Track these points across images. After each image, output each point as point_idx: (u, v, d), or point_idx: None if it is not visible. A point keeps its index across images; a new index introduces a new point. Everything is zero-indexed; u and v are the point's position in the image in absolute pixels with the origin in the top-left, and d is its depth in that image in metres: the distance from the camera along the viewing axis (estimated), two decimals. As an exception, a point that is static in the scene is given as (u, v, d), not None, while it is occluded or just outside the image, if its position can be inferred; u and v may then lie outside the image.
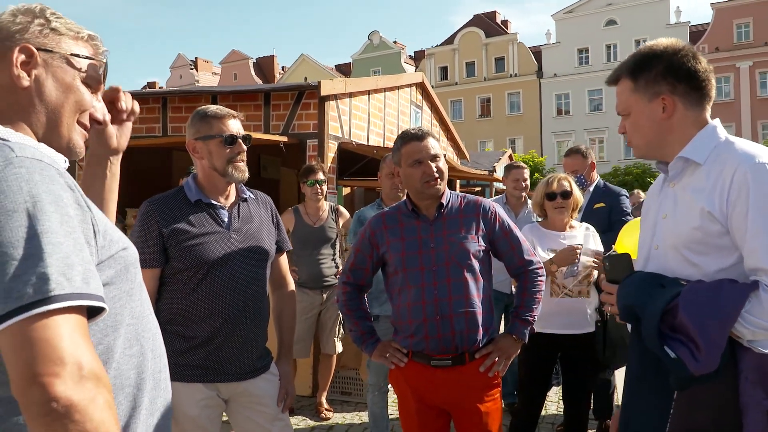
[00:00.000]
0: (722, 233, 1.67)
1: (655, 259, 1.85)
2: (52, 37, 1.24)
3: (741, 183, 1.62)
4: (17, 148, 1.05)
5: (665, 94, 1.80)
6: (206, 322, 2.38)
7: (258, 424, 2.49)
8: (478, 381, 2.58)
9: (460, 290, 2.54)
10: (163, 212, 2.40)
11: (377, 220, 2.73)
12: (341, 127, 7.13)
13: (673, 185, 1.85)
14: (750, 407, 1.60)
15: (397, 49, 53.62)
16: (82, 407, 0.91)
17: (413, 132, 2.68)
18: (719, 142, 1.77)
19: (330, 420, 5.01)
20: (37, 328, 0.92)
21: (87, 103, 1.29)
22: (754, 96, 40.95)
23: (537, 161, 37.04)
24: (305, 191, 4.98)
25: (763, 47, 40.42)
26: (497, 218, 2.67)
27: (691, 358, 1.59)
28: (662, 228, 1.85)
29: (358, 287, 2.79)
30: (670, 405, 1.71)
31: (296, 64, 59.62)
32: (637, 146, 1.92)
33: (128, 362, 1.19)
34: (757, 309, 1.57)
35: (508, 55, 48.29)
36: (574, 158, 4.78)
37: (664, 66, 1.79)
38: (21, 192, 0.99)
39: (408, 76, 9.88)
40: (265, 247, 2.56)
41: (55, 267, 0.95)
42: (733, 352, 1.62)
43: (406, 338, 2.60)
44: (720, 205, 1.66)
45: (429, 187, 2.58)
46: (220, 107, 2.52)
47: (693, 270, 1.72)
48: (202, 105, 7.47)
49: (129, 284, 1.22)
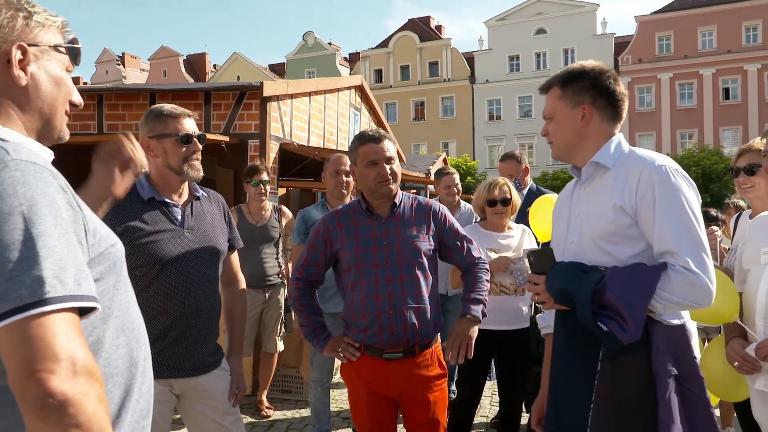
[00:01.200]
0: (632, 225, 1.95)
1: (570, 252, 2.11)
2: (36, 31, 1.25)
3: (647, 182, 1.91)
4: (12, 151, 1.08)
5: (586, 104, 2.07)
6: (159, 319, 2.39)
7: (210, 418, 2.53)
8: (426, 372, 2.71)
9: (412, 286, 2.65)
10: (115, 209, 2.38)
11: (331, 218, 2.79)
12: (282, 128, 7.15)
13: (585, 188, 2.13)
14: (661, 373, 1.87)
15: (332, 50, 53.53)
16: (76, 401, 0.96)
17: (370, 134, 2.77)
18: (623, 151, 2.06)
19: (271, 417, 5.05)
20: (32, 327, 0.97)
21: (72, 90, 1.33)
22: (674, 107, 43.05)
23: (469, 165, 37.76)
24: (248, 191, 5.00)
25: (683, 60, 42.56)
26: (446, 219, 2.82)
27: (620, 329, 1.83)
28: (576, 225, 2.11)
29: (310, 283, 2.85)
30: (594, 376, 1.95)
31: (229, 63, 58.62)
32: (556, 147, 2.17)
33: (116, 352, 1.25)
34: (667, 285, 1.83)
35: (442, 59, 49.00)
36: (509, 163, 4.96)
37: (590, 82, 2.07)
38: (16, 195, 1.02)
39: (347, 79, 9.96)
40: (217, 245, 2.60)
41: (49, 270, 1.00)
42: (646, 327, 1.89)
43: (359, 332, 2.69)
44: (630, 201, 1.94)
45: (382, 186, 2.68)
46: (175, 106, 2.54)
47: (608, 258, 1.98)
48: (139, 102, 7.32)
49: (116, 278, 1.27)
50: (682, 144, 41.48)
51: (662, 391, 1.87)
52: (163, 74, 59.84)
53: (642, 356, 1.90)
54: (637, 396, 1.90)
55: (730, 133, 41.74)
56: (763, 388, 2.29)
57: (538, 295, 2.10)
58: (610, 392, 1.92)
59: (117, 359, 1.25)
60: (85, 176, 3.27)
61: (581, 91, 2.08)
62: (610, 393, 1.92)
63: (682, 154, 35.35)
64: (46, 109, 1.27)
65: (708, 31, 42.49)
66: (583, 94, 2.07)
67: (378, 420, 2.75)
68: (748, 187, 2.88)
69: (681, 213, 1.88)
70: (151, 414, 1.38)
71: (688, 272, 1.82)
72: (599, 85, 2.07)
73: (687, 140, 41.87)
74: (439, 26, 54.01)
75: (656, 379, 1.88)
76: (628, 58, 43.75)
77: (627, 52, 43.92)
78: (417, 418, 2.74)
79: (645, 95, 43.83)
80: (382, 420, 2.76)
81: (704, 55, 42.31)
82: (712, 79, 42.26)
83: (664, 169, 1.93)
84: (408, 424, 2.79)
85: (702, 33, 42.63)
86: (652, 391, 1.88)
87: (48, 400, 0.94)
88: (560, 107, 2.12)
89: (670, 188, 1.90)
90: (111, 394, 1.21)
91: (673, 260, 1.86)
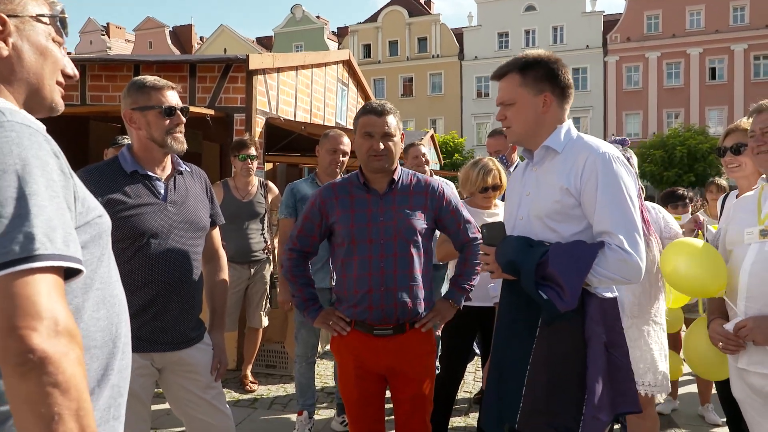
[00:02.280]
0: (575, 205, 2.14)
1: (519, 227, 2.29)
2: (17, 2, 1.24)
3: (591, 167, 2.10)
4: (8, 113, 1.09)
5: (547, 92, 2.22)
6: (141, 293, 2.38)
7: (191, 392, 2.53)
8: (415, 348, 2.72)
9: (405, 265, 2.64)
10: (98, 182, 2.37)
11: (328, 190, 2.77)
12: (269, 102, 7.09)
13: (536, 170, 2.30)
14: (592, 339, 2.09)
15: (320, 24, 53.00)
16: (56, 360, 0.96)
17: (374, 105, 2.73)
18: (572, 137, 2.24)
19: (255, 392, 5.08)
20: (19, 284, 0.97)
21: (61, 61, 1.32)
22: (660, 86, 43.17)
23: (457, 142, 37.75)
24: (236, 165, 4.95)
25: (671, 39, 42.59)
26: (445, 197, 2.78)
27: (559, 298, 2.03)
28: (526, 203, 2.28)
29: (304, 254, 2.83)
30: (533, 341, 2.15)
31: (215, 35, 57.89)
32: (515, 132, 2.29)
33: (95, 324, 1.24)
34: (603, 262, 2.04)
35: (431, 35, 48.70)
36: (497, 139, 4.96)
37: (545, 70, 2.22)
38: (11, 155, 1.03)
39: (335, 54, 9.87)
40: (200, 219, 2.58)
41: (40, 228, 1.00)
42: (582, 299, 2.08)
43: (350, 307, 2.69)
44: (575, 183, 2.12)
45: (373, 161, 2.66)
46: (158, 78, 2.50)
47: (553, 234, 2.17)
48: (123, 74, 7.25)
49: (100, 250, 1.27)
50: (669, 123, 41.67)
51: (592, 356, 2.07)
52: (148, 45, 59.02)
53: (576, 324, 2.10)
54: (569, 359, 2.10)
55: (715, 113, 41.98)
56: (746, 366, 2.32)
57: (488, 265, 2.27)
58: (545, 355, 2.12)
59: (96, 332, 1.24)
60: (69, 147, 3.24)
61: (542, 78, 2.21)
62: (545, 355, 2.12)
63: (669, 133, 35.56)
64: (32, 79, 1.26)
65: (696, 10, 42.48)
66: (544, 82, 2.21)
67: (365, 394, 2.77)
68: (735, 167, 2.90)
69: (619, 197, 2.08)
70: (127, 392, 1.38)
71: (622, 251, 2.03)
72: (555, 74, 2.22)
73: (673, 120, 42.09)
74: (428, 1, 53.56)
75: (588, 345, 2.09)
76: (616, 36, 43.68)
77: (616, 31, 43.84)
78: (405, 392, 2.76)
79: (633, 74, 43.89)
80: (369, 394, 2.78)
81: (692, 35, 42.36)
82: (699, 59, 42.37)
83: (607, 157, 2.11)
84: (396, 398, 2.81)
85: (690, 12, 42.61)
86: (583, 355, 2.09)
87: (28, 356, 0.95)
88: (522, 94, 2.23)
89: (611, 174, 2.08)
90: (89, 366, 1.21)
91: (609, 239, 2.05)
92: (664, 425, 4.45)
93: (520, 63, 2.24)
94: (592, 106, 44.35)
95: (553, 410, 2.09)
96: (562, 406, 2.09)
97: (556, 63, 2.24)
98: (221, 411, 2.60)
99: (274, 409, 4.76)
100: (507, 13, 46.25)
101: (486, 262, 2.28)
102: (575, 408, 2.08)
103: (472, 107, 47.28)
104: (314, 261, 3.77)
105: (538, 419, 2.11)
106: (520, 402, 2.14)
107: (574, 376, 2.09)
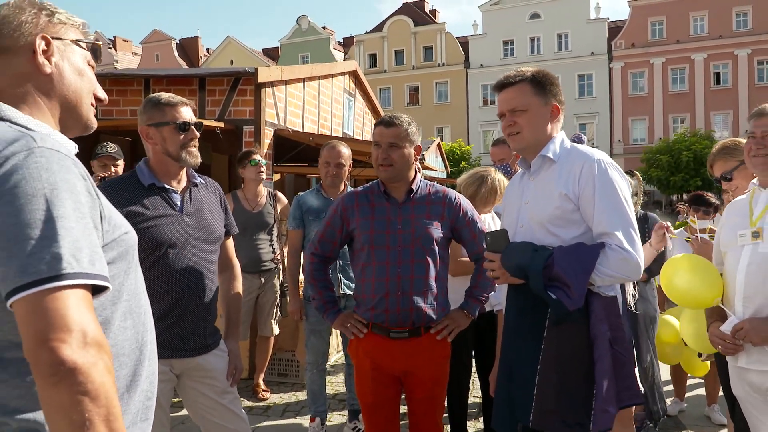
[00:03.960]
0: (574, 210, 2.27)
1: (521, 234, 2.40)
2: (59, 27, 1.36)
3: (588, 173, 2.24)
4: (39, 139, 1.16)
5: (556, 102, 2.38)
6: (161, 301, 2.46)
7: (208, 397, 2.62)
8: (431, 351, 2.81)
9: (421, 271, 2.74)
10: (118, 195, 2.46)
11: (350, 197, 2.90)
12: (277, 113, 7.19)
13: (533, 179, 2.42)
14: (599, 337, 2.20)
15: (326, 34, 53.24)
16: (85, 370, 1.02)
17: (385, 117, 2.86)
18: (566, 147, 2.38)
19: (267, 400, 5.14)
20: (48, 300, 1.04)
21: (95, 83, 1.43)
22: (666, 91, 43.14)
23: (464, 150, 37.82)
24: (246, 174, 5.00)
25: (675, 45, 42.60)
26: (461, 208, 2.88)
27: (567, 297, 2.14)
28: (526, 211, 2.40)
29: (325, 258, 2.96)
30: (541, 341, 2.26)
31: (222, 47, 58.25)
32: (525, 139, 2.37)
33: (123, 334, 1.32)
34: (604, 261, 2.16)
35: (437, 44, 48.86)
36: (501, 148, 5.00)
37: (551, 84, 2.38)
38: (40, 179, 1.10)
39: (342, 65, 9.99)
40: (215, 229, 2.68)
41: (66, 249, 1.07)
42: (586, 298, 2.20)
43: (367, 311, 2.79)
44: (573, 189, 2.25)
45: (379, 170, 2.79)
46: (173, 95, 2.61)
47: (554, 239, 2.29)
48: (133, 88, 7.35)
49: (127, 264, 1.35)
50: (674, 128, 41.61)
51: (599, 353, 2.19)
52: (155, 58, 59.41)
53: (582, 323, 2.22)
54: (577, 357, 2.21)
55: (720, 117, 41.94)
56: (745, 365, 2.38)
57: (493, 271, 2.36)
58: (554, 354, 2.23)
59: (124, 341, 1.32)
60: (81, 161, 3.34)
61: (550, 91, 2.37)
62: (554, 355, 2.23)
63: (674, 138, 35.55)
64: (71, 96, 1.37)
65: (700, 16, 42.51)
66: (552, 93, 2.37)
67: (381, 396, 2.85)
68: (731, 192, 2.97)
69: (616, 200, 2.21)
70: (155, 395, 1.46)
71: (622, 250, 2.16)
72: (555, 90, 2.39)
73: (679, 125, 42.03)
74: (433, 10, 53.82)
75: (594, 342, 2.20)
76: (621, 42, 43.73)
77: (620, 37, 43.89)
78: (418, 393, 2.85)
79: (638, 80, 43.91)
80: (385, 396, 2.85)
81: (696, 40, 42.39)
82: (703, 64, 42.38)
83: (602, 163, 2.25)
84: (409, 399, 2.90)
85: (693, 18, 42.65)
86: (589, 353, 2.20)
87: (59, 368, 1.01)
88: (535, 103, 2.35)
89: (606, 179, 2.23)
90: (118, 373, 1.29)
91: (609, 240, 2.19)
92: (671, 426, 4.51)
93: (529, 76, 2.37)
94: (598, 112, 44.36)
95: (564, 407, 2.19)
96: (572, 402, 2.20)
97: (556, 80, 2.42)
98: (238, 415, 2.68)
99: (287, 416, 4.82)
100: (512, 21, 46.38)
101: (491, 268, 2.37)
102: (585, 403, 2.19)
103: (478, 115, 47.35)
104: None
105: (552, 416, 2.20)
106: (532, 401, 2.23)
107: (582, 373, 2.20)
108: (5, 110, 1.25)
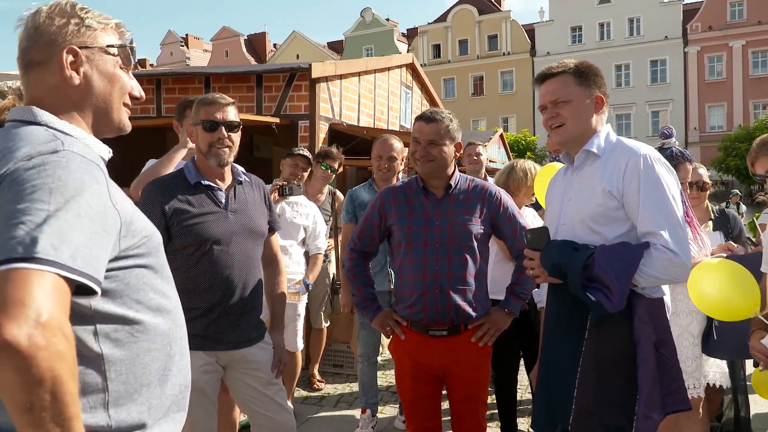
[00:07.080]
0: (618, 207, 2.16)
1: (562, 232, 2.32)
2: (88, 34, 1.38)
3: (633, 169, 2.13)
4: (67, 143, 1.22)
5: (600, 94, 2.30)
6: (206, 295, 2.56)
7: (254, 388, 2.69)
8: (471, 350, 2.77)
9: (459, 268, 2.71)
10: (165, 193, 2.57)
11: (388, 193, 2.88)
12: (332, 108, 7.27)
13: (576, 174, 2.33)
14: (642, 339, 2.11)
15: (389, 26, 53.22)
16: (31, 353, 0.97)
17: (426, 113, 2.83)
18: (611, 141, 2.28)
19: (322, 390, 5.24)
20: (13, 277, 1.01)
21: (128, 85, 1.47)
22: (746, 75, 41.09)
23: (529, 140, 37.15)
24: (317, 171, 5.03)
25: (757, 26, 40.45)
26: (502, 204, 2.82)
27: (606, 299, 2.05)
28: (569, 207, 2.32)
29: (364, 254, 2.95)
30: (582, 340, 2.18)
31: (288, 42, 59.09)
32: (568, 131, 2.29)
33: (155, 329, 1.38)
34: (649, 262, 2.06)
35: (501, 32, 48.12)
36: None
37: (595, 75, 2.30)
38: (52, 176, 1.13)
39: (398, 58, 9.99)
40: (259, 226, 2.74)
41: (47, 237, 1.06)
42: (630, 299, 2.11)
43: (406, 308, 2.78)
44: (617, 185, 2.15)
45: (416, 165, 2.76)
46: (215, 95, 2.69)
47: (596, 237, 2.19)
48: (194, 86, 7.55)
49: (153, 265, 1.39)
50: (755, 114, 39.58)
51: (642, 356, 2.10)
52: (225, 54, 60.88)
53: (624, 324, 2.13)
54: (618, 359, 2.13)
55: (807, 101, 39.60)
56: None
57: (533, 270, 2.30)
58: (595, 356, 2.16)
59: (155, 336, 1.38)
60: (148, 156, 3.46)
61: (595, 81, 2.29)
62: (594, 357, 2.16)
63: (755, 125, 33.75)
64: (101, 104, 1.41)
65: (784, -6, 40.22)
66: (596, 84, 2.29)
67: (420, 394, 2.85)
68: None
69: (662, 197, 2.10)
70: (189, 387, 1.52)
71: (668, 251, 2.05)
72: (599, 81, 2.31)
73: (761, 110, 39.88)
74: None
75: (638, 344, 2.12)
76: (697, 25, 41.86)
77: (696, 20, 41.99)
78: (458, 392, 2.83)
79: (715, 64, 41.97)
80: (424, 394, 2.85)
81: (780, 20, 40.14)
82: (787, 46, 40.12)
83: (648, 158, 2.14)
84: (450, 398, 2.89)
85: (777, -4, 40.39)
86: (632, 354, 2.12)
87: (1, 344, 0.97)
88: (579, 94, 2.27)
89: (653, 175, 2.12)
90: (149, 367, 1.35)
91: (654, 240, 2.07)
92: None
93: (572, 67, 2.30)
94: (672, 99, 42.68)
95: (604, 409, 2.13)
96: (612, 405, 2.13)
97: (599, 72, 2.34)
98: (282, 406, 2.75)
99: (340, 406, 4.90)
100: (580, 7, 45.12)
101: (531, 267, 2.30)
102: (626, 407, 2.11)
103: (544, 104, 46.31)
104: (373, 264, 3.87)
105: (591, 419, 2.14)
106: (572, 404, 2.18)
107: (624, 376, 2.13)
108: (42, 115, 1.31)
